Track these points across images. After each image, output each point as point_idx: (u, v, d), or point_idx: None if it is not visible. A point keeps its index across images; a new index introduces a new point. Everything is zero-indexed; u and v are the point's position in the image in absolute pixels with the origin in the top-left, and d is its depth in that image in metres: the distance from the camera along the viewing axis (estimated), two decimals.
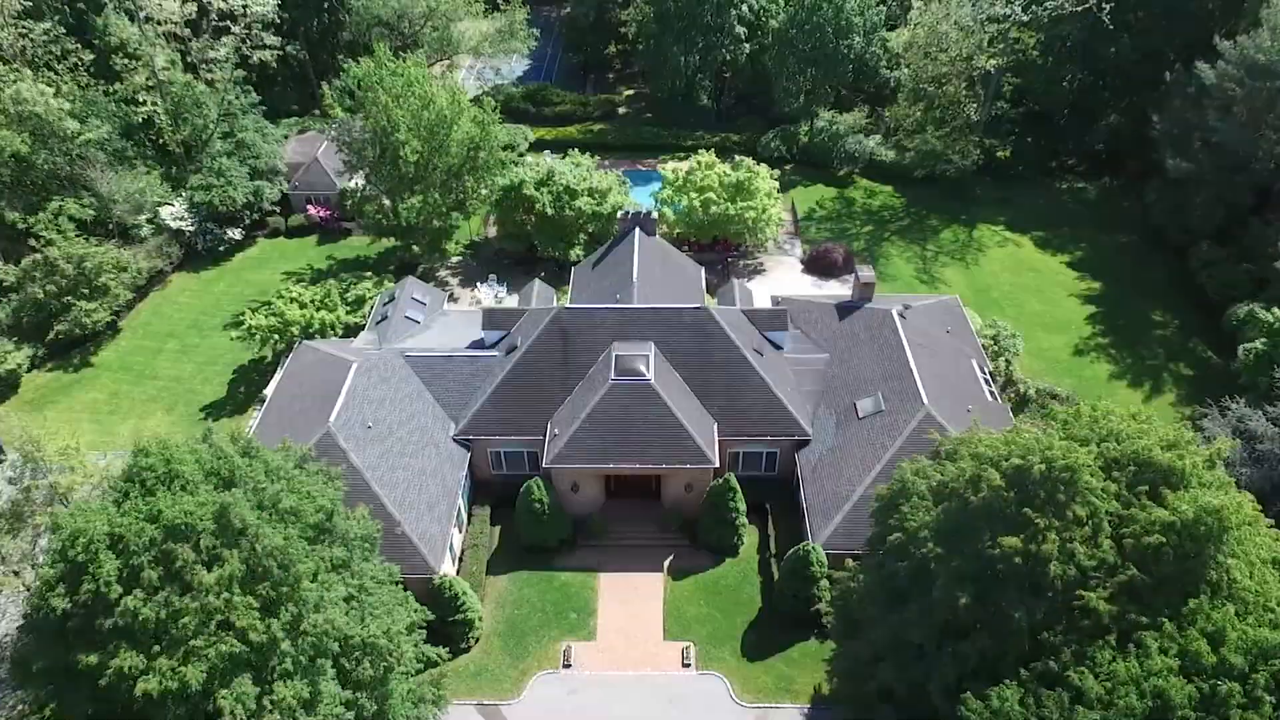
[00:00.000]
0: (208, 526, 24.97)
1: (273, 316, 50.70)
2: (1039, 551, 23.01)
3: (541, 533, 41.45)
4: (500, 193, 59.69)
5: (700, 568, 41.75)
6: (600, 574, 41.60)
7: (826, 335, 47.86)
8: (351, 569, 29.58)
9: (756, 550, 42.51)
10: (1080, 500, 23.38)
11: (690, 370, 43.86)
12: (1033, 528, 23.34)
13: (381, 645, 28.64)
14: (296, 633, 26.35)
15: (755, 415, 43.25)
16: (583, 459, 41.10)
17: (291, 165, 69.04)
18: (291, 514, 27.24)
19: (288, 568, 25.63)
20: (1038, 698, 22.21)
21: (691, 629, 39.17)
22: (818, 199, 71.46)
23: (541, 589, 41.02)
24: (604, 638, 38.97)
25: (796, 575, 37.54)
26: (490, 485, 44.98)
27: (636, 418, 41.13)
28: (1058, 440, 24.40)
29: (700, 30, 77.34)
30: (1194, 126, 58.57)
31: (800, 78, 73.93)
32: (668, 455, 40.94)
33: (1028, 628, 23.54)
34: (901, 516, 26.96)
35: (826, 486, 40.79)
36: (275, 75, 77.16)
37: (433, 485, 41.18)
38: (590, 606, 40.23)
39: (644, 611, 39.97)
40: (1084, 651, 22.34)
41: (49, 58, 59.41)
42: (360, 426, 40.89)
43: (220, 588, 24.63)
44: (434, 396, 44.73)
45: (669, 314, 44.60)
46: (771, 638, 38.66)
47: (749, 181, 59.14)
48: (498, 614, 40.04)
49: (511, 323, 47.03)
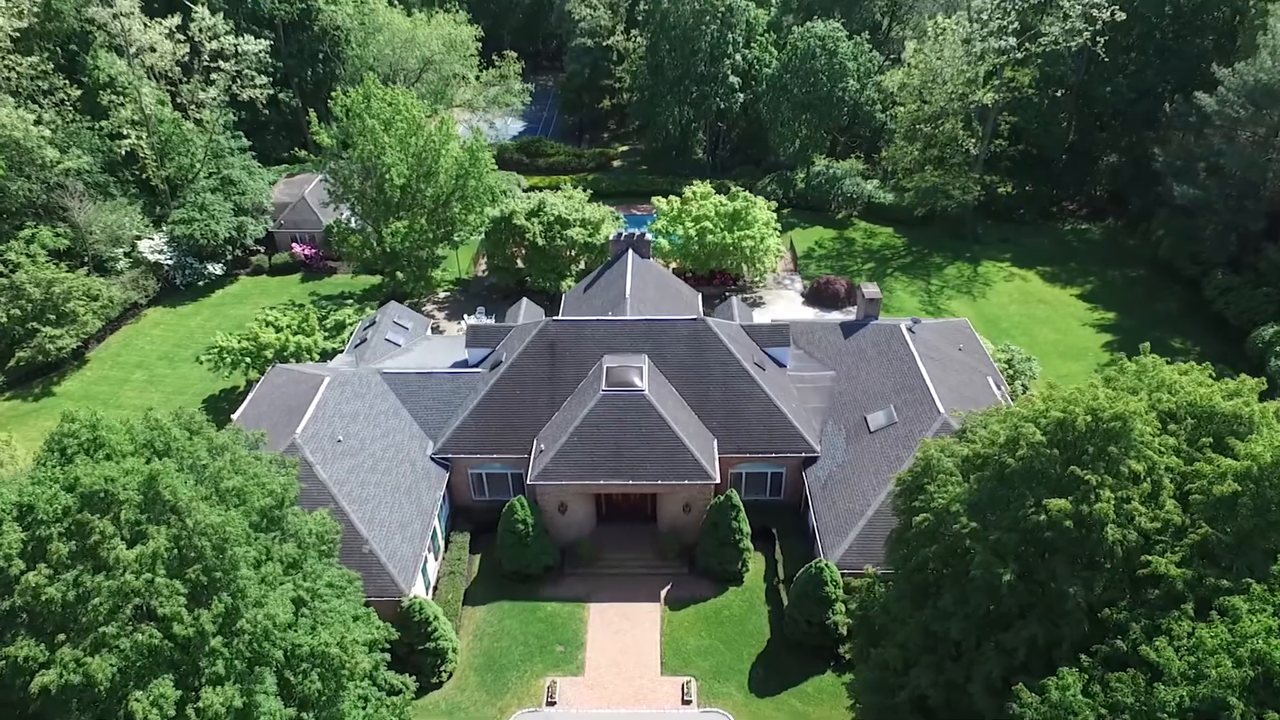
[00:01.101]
0: (132, 498, 21.62)
1: (245, 340, 47.96)
2: (1092, 514, 19.71)
3: (525, 557, 37.67)
4: (490, 224, 57.92)
5: (701, 597, 37.84)
6: (590, 604, 37.65)
7: (831, 354, 45.11)
8: (304, 570, 25.99)
9: (763, 578, 38.67)
10: (1135, 455, 20.24)
11: (687, 384, 40.93)
12: (1083, 487, 20.11)
13: (334, 656, 24.84)
14: (231, 630, 22.67)
15: (758, 432, 40.09)
16: (571, 476, 37.73)
17: (278, 205, 67.61)
18: (235, 495, 23.90)
19: (223, 550, 22.13)
20: (1105, 684, 18.55)
21: (692, 662, 35.05)
22: (816, 239, 69.86)
23: (524, 620, 37.00)
24: (593, 672, 34.80)
25: (809, 597, 33.70)
26: (471, 511, 41.43)
27: (629, 431, 37.97)
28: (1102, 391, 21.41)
29: (694, 80, 77.39)
30: (1198, 156, 57.41)
31: (795, 123, 73.48)
32: (664, 471, 37.59)
33: (1085, 606, 20.02)
34: (928, 497, 23.65)
35: (838, 504, 37.33)
36: (267, 122, 76.80)
37: (406, 504, 37.67)
38: (578, 638, 36.16)
39: (639, 643, 35.90)
40: (1157, 625, 18.80)
41: (34, 90, 58.46)
42: (329, 440, 37.64)
43: (141, 567, 21.12)
44: (412, 414, 41.61)
45: (664, 326, 41.94)
46: (783, 671, 34.53)
47: (746, 210, 57.47)
48: (474, 646, 35.94)
49: (497, 340, 44.32)
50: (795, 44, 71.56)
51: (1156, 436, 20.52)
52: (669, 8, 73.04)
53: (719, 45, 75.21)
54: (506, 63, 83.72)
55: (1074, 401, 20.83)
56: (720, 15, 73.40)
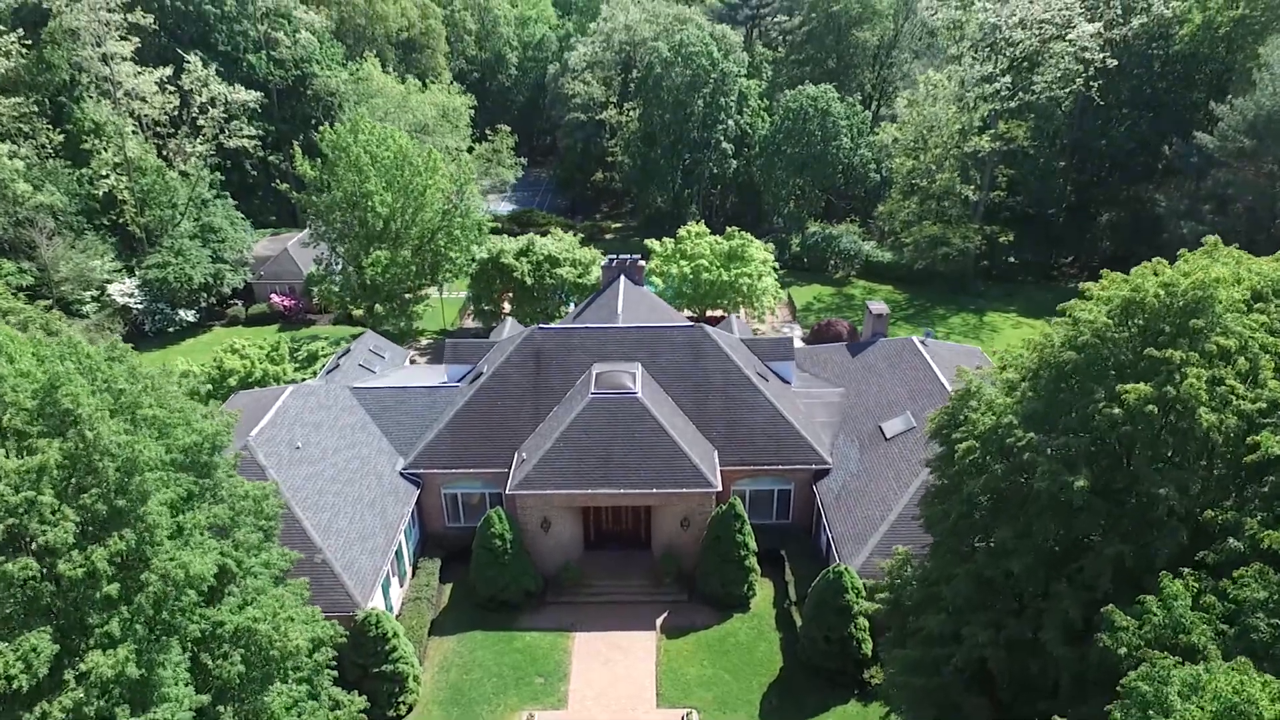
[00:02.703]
0: (23, 401, 17.97)
1: (210, 368, 44.61)
2: (1180, 398, 16.25)
3: (503, 579, 33.14)
4: (477, 265, 55.72)
5: (702, 625, 33.15)
6: (575, 633, 32.87)
7: (838, 373, 41.96)
8: (235, 540, 21.92)
9: (771, 603, 34.09)
10: (1223, 331, 16.96)
11: (684, 394, 37.50)
12: (1165, 368, 16.71)
13: (263, 635, 20.50)
14: (134, 580, 18.55)
15: (762, 442, 36.39)
16: (555, 485, 33.73)
17: (260, 258, 65.60)
18: (153, 426, 20.18)
19: (130, 477, 18.31)
20: (1221, 593, 14.63)
21: (693, 694, 30.10)
22: (815, 294, 67.78)
23: (499, 650, 32.14)
24: (579, 706, 29.78)
25: (827, 607, 29.18)
26: (444, 539, 37.08)
27: (620, 436, 34.27)
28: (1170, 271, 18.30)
29: (688, 146, 77.46)
30: (1203, 196, 56.30)
31: (789, 183, 72.91)
32: (659, 479, 33.63)
33: (1181, 512, 16.25)
34: (970, 426, 20.08)
35: (855, 512, 33.29)
36: (255, 186, 75.94)
37: (369, 517, 33.46)
38: (562, 669, 31.24)
39: (631, 674, 30.99)
40: (1278, 516, 15.03)
41: (14, 130, 57.34)
42: (287, 446, 33.79)
43: (22, 481, 17.25)
44: (382, 430, 37.85)
45: (659, 334, 38.89)
46: (799, 700, 29.60)
47: (742, 248, 55.53)
48: (440, 679, 30.94)
49: (479, 355, 41.13)
50: (788, 105, 71.84)
51: (1244, 315, 17.28)
52: (661, 73, 73.76)
53: (712, 111, 75.65)
54: (500, 137, 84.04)
55: (1140, 288, 17.70)
56: (713, 81, 74.10)
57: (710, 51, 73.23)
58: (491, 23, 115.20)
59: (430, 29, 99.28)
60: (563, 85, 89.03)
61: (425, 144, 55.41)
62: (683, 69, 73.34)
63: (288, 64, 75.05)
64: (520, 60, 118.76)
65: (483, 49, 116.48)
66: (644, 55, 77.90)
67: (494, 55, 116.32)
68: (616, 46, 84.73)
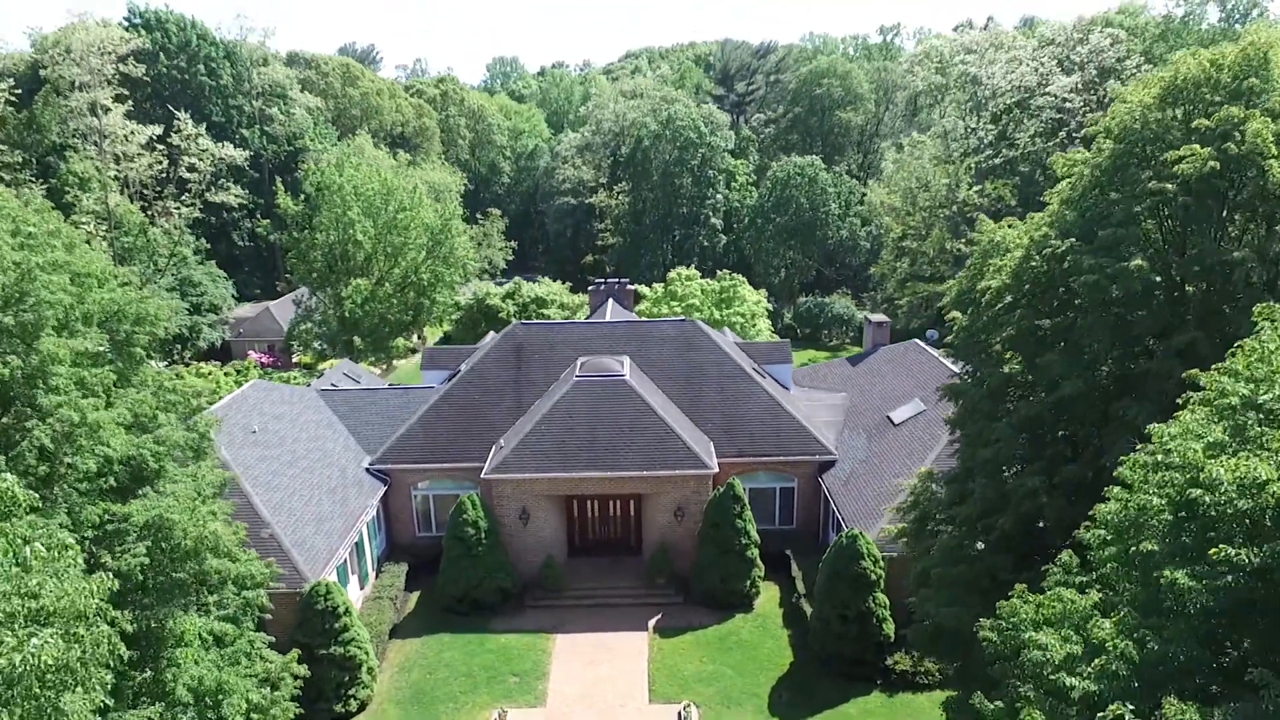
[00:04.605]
0: None
1: None
2: (1242, 151, 14.16)
3: (476, 572, 29.35)
4: (462, 311, 54.07)
5: (700, 625, 29.18)
6: (556, 635, 28.83)
7: (839, 381, 39.53)
8: (157, 437, 18.90)
9: (778, 604, 30.21)
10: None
11: (677, 387, 34.89)
12: (1221, 129, 14.64)
13: (175, 524, 17.22)
14: (19, 427, 15.61)
15: (762, 434, 33.52)
16: (536, 468, 30.57)
17: (240, 318, 63.81)
18: (60, 270, 17.60)
19: (24, 291, 15.75)
20: None
21: (692, 689, 25.93)
22: (810, 357, 65.85)
23: (469, 651, 28.00)
24: (559, 705, 25.52)
25: (841, 578, 25.55)
26: (413, 550, 33.31)
27: (607, 419, 31.45)
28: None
29: (677, 221, 77.77)
30: None
31: (780, 252, 72.64)
32: (650, 460, 30.57)
33: (1262, 280, 13.81)
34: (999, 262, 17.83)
35: (865, 492, 30.09)
36: (242, 259, 75.21)
37: (328, 503, 30.04)
38: (540, 669, 27.09)
39: (619, 673, 26.84)
40: None
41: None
42: (243, 430, 30.77)
43: None
44: (350, 430, 34.86)
45: (648, 328, 36.79)
46: (814, 691, 25.47)
47: (733, 289, 54.13)
48: (399, 679, 26.71)
49: (458, 361, 38.65)
50: (775, 174, 72.61)
51: None
52: (650, 146, 74.91)
53: (700, 187, 76.40)
54: (491, 221, 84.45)
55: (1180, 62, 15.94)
56: (701, 155, 75.19)
57: (697, 125, 74.74)
58: (485, 130, 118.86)
59: (425, 128, 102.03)
60: (554, 171, 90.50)
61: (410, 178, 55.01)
62: (670, 143, 74.59)
63: (280, 140, 76.02)
64: (513, 170, 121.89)
65: (476, 157, 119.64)
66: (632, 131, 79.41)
67: (487, 167, 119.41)
68: (606, 132, 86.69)
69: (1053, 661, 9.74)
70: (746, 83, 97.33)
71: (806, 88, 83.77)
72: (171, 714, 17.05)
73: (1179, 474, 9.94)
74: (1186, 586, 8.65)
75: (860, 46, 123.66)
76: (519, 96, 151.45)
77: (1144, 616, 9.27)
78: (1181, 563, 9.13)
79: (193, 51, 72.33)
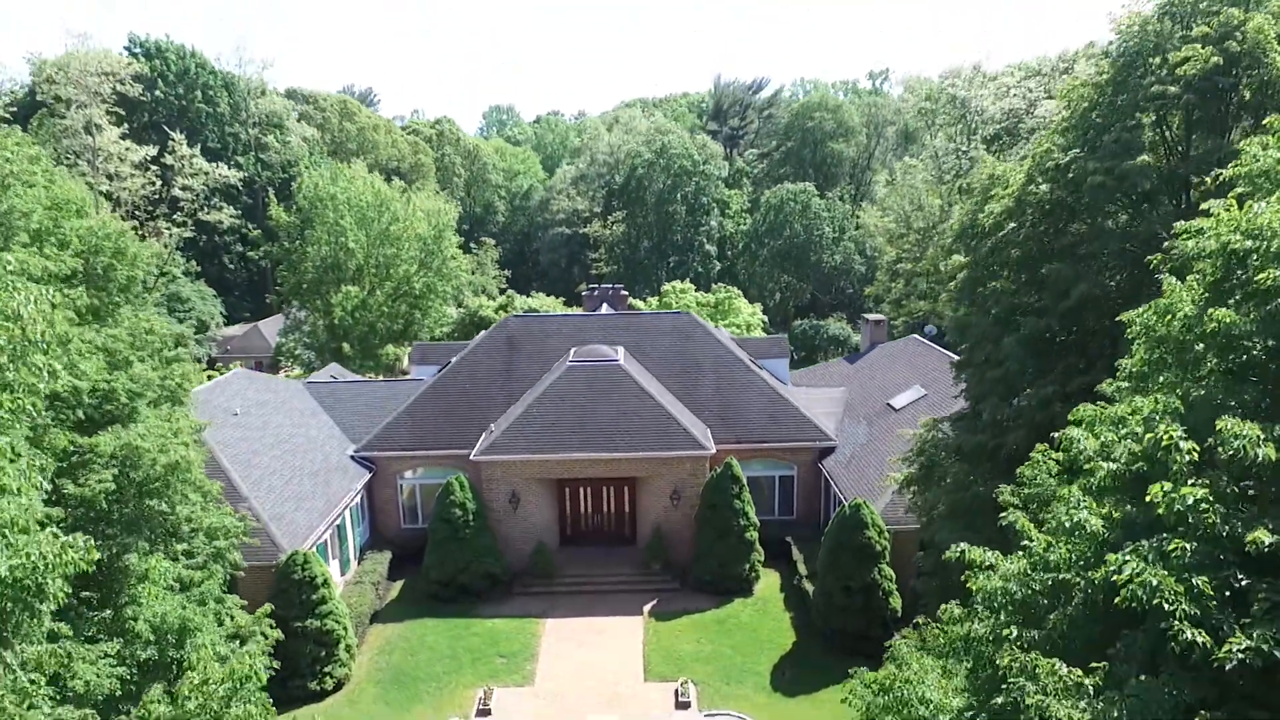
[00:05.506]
0: None
1: None
2: (1244, 47, 13.81)
3: (463, 556, 28.14)
4: (454, 324, 53.46)
5: (698, 609, 27.94)
6: (546, 619, 27.54)
7: (838, 379, 38.85)
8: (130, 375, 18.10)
9: (779, 589, 29.01)
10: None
11: (673, 378, 34.12)
12: (1220, 30, 14.32)
13: (145, 452, 16.33)
14: None
15: (760, 421, 32.69)
16: (527, 449, 29.61)
17: (228, 336, 63.07)
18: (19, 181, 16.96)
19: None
20: None
21: (689, 668, 24.63)
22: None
23: (454, 635, 26.68)
24: (548, 683, 24.18)
25: (845, 549, 24.49)
26: (398, 543, 31.99)
27: (600, 402, 30.61)
28: None
29: (672, 248, 77.83)
30: None
31: (774, 275, 72.56)
32: (645, 441, 29.66)
33: None
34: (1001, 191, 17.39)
35: (868, 472, 29.17)
36: (232, 283, 74.75)
37: (309, 484, 28.97)
38: (529, 650, 25.78)
39: (613, 654, 25.54)
40: None
41: None
42: (224, 412, 29.83)
43: None
44: (335, 420, 33.91)
45: (644, 320, 36.21)
46: (818, 668, 24.19)
47: (729, 301, 53.76)
48: (379, 660, 25.35)
49: (449, 356, 37.88)
50: (769, 201, 72.95)
51: None
52: (644, 174, 75.35)
53: (694, 215, 76.67)
54: (485, 250, 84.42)
55: None
56: (695, 182, 75.62)
57: (691, 154, 75.34)
58: (480, 169, 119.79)
59: (420, 164, 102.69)
60: (549, 203, 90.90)
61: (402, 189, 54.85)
62: (665, 171, 75.07)
63: (275, 167, 76.26)
64: (508, 210, 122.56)
65: (471, 196, 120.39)
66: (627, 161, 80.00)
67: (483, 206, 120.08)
68: (600, 163, 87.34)
69: (1087, 452, 8.98)
70: (740, 118, 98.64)
71: (799, 121, 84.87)
72: (130, 651, 15.90)
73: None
74: (1231, 322, 7.97)
75: (849, 90, 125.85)
76: (515, 141, 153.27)
77: (1182, 375, 8.58)
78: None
79: (191, 80, 72.99)
